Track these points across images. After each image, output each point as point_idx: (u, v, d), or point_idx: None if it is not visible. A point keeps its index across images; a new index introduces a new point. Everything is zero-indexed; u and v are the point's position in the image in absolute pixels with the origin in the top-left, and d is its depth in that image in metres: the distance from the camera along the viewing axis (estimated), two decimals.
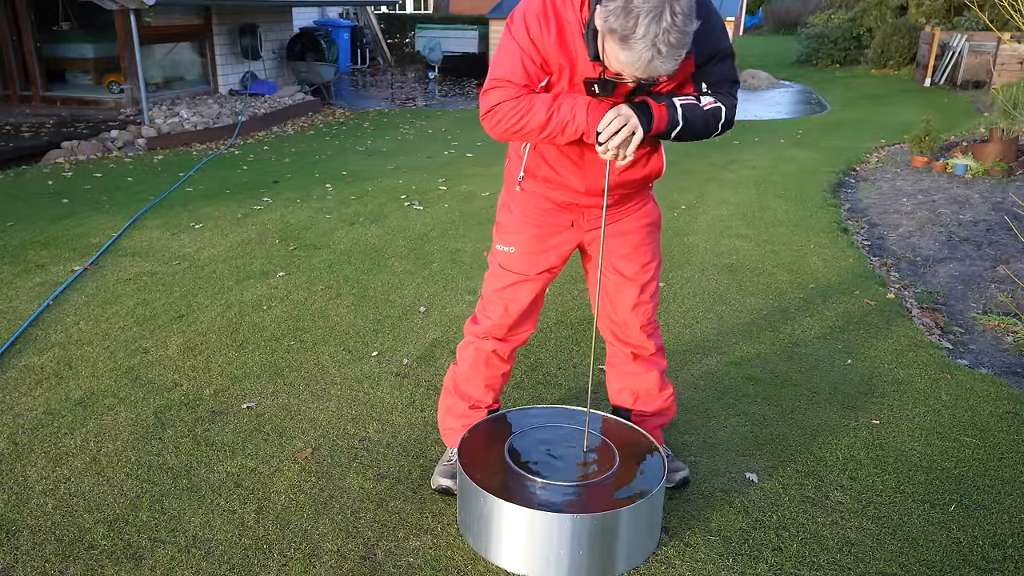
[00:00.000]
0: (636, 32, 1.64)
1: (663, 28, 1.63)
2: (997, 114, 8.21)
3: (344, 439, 2.75)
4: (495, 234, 2.32)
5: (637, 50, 1.66)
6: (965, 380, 3.25)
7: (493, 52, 17.16)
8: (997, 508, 2.42)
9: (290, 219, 5.52)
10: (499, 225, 2.30)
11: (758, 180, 6.96)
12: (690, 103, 1.94)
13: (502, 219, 2.29)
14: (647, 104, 1.88)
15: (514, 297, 2.28)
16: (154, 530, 2.26)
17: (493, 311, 2.31)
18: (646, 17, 1.62)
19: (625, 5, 1.64)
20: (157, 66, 10.17)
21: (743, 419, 2.92)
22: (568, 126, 1.89)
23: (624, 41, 1.66)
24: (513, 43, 1.90)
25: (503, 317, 2.30)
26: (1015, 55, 12.85)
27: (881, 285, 4.33)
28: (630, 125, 1.85)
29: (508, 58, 1.91)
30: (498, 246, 2.29)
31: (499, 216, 2.32)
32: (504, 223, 2.28)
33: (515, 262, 2.26)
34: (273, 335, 3.59)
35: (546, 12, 1.85)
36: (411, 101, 12.95)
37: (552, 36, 1.86)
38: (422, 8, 25.76)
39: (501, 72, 1.91)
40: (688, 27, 1.65)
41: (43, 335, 3.56)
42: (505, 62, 1.91)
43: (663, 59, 1.67)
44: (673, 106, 1.91)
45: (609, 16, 1.67)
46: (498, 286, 2.30)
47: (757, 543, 2.25)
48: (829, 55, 19.31)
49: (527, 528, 2.07)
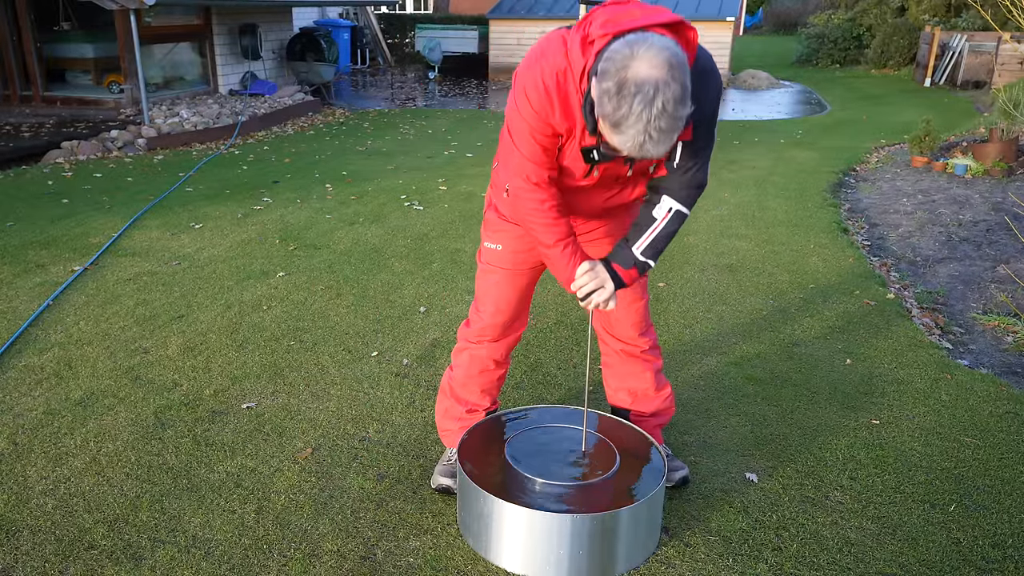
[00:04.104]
0: (628, 119, 1.63)
1: (654, 114, 1.61)
2: (997, 114, 8.21)
3: (344, 439, 2.75)
4: (483, 231, 2.33)
5: (629, 135, 1.65)
6: (965, 380, 3.25)
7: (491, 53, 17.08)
8: (997, 508, 2.42)
9: (290, 219, 5.52)
10: (487, 223, 2.32)
11: (758, 180, 6.97)
12: (653, 239, 2.04)
13: (490, 217, 2.30)
14: (616, 273, 2.08)
15: (504, 292, 2.30)
16: (154, 530, 2.26)
17: (485, 308, 2.33)
18: (639, 104, 1.61)
19: (618, 89, 1.62)
20: (157, 66, 10.17)
21: (743, 419, 2.92)
22: (555, 268, 2.11)
23: (616, 126, 1.66)
24: (520, 117, 1.91)
25: (495, 315, 2.31)
26: (1015, 55, 12.85)
27: (881, 285, 4.33)
28: (604, 288, 2.06)
29: (520, 133, 1.93)
30: (486, 243, 2.31)
31: (487, 214, 2.32)
32: (491, 220, 2.29)
33: (503, 259, 2.27)
34: (273, 335, 3.59)
35: (547, 83, 1.84)
36: (411, 101, 12.95)
37: (555, 105, 1.86)
38: (422, 8, 25.77)
39: (521, 146, 1.94)
40: (680, 112, 1.63)
41: (43, 335, 3.56)
42: (520, 136, 1.93)
43: (654, 144, 1.66)
44: (641, 262, 2.07)
45: (602, 98, 1.66)
46: (488, 282, 2.32)
47: (757, 543, 2.25)
48: (829, 55, 19.32)
49: (527, 528, 2.07)
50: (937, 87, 14.50)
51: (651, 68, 1.60)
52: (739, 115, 11.60)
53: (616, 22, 1.71)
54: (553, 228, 2.03)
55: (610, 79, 1.63)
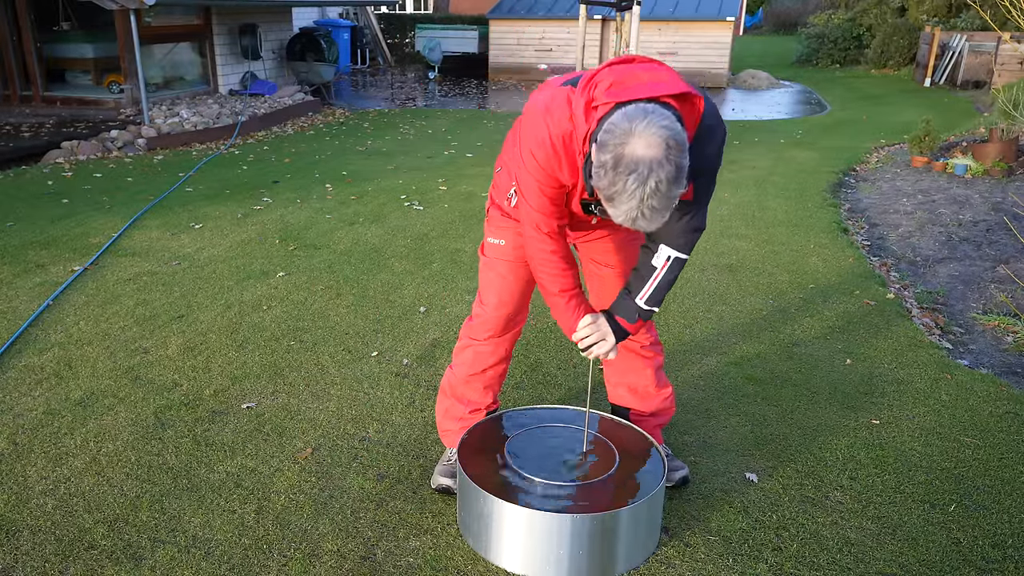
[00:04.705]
0: (622, 196, 1.66)
1: (647, 193, 1.64)
2: (997, 114, 8.21)
3: (344, 439, 2.75)
4: (487, 227, 2.35)
5: (622, 210, 1.69)
6: (965, 380, 3.25)
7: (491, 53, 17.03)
8: (997, 508, 2.42)
9: (290, 219, 5.52)
10: (490, 219, 2.34)
11: (758, 180, 6.97)
12: (655, 289, 2.07)
13: (493, 214, 2.33)
14: (620, 326, 2.11)
15: (507, 283, 2.31)
16: (154, 530, 2.26)
17: (488, 300, 2.34)
18: (632, 183, 1.63)
19: (614, 164, 1.65)
20: (157, 66, 10.17)
21: (743, 419, 2.92)
22: (558, 316, 2.15)
23: (610, 200, 1.70)
24: (527, 172, 1.96)
25: (499, 307, 2.32)
26: (1015, 55, 12.86)
27: (881, 285, 4.33)
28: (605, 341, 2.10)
29: (529, 187, 1.98)
30: (489, 239, 2.33)
31: (490, 211, 2.34)
32: (495, 217, 2.32)
33: (506, 252, 2.29)
34: (273, 335, 3.59)
35: (554, 144, 1.88)
36: (411, 101, 12.95)
37: (562, 163, 1.91)
38: (422, 8, 25.76)
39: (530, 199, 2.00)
40: (673, 192, 1.66)
41: (43, 335, 3.56)
42: (529, 190, 1.99)
43: (647, 220, 1.70)
44: (645, 311, 2.10)
45: (599, 170, 1.68)
46: (491, 275, 2.33)
47: (757, 543, 2.25)
48: (829, 55, 19.33)
49: (527, 528, 2.07)
50: (937, 87, 14.50)
51: (647, 148, 1.63)
52: (739, 115, 11.60)
53: (621, 87, 1.74)
54: (559, 279, 2.08)
55: (608, 152, 1.66)
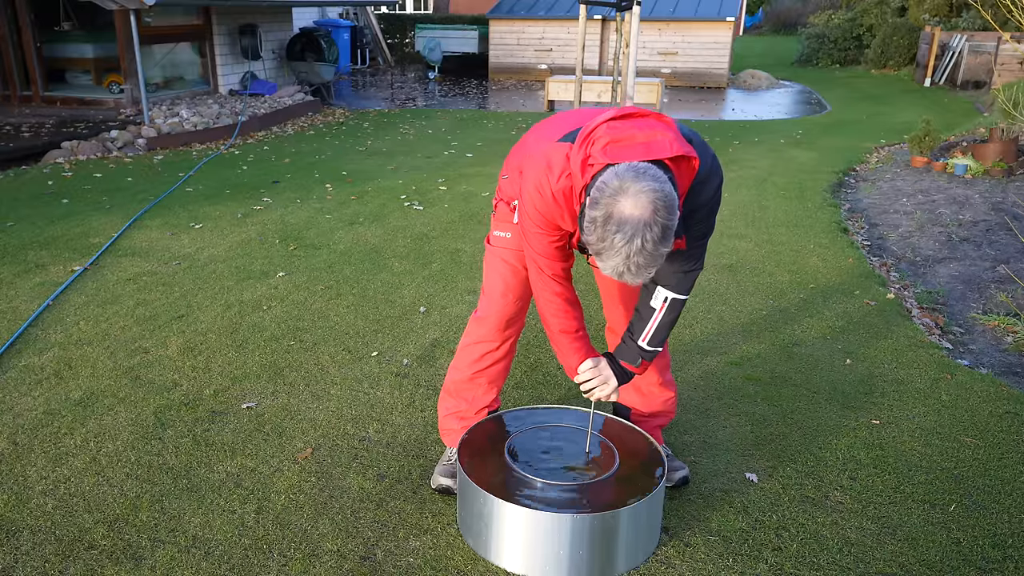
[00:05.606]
0: (609, 251, 1.70)
1: (633, 251, 1.67)
2: (997, 114, 8.22)
3: (344, 439, 2.75)
4: (494, 220, 2.35)
5: (609, 265, 1.73)
6: (965, 380, 3.25)
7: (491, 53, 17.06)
8: (997, 508, 2.42)
9: (290, 219, 5.52)
10: (497, 214, 2.34)
11: (758, 180, 6.97)
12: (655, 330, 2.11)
13: (501, 209, 2.33)
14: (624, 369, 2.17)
15: (512, 273, 2.31)
16: (154, 530, 2.26)
17: (494, 289, 2.34)
18: (619, 240, 1.67)
19: (603, 221, 1.69)
20: (157, 66, 10.17)
21: (743, 419, 2.92)
22: (560, 353, 2.19)
23: (598, 254, 1.75)
24: (531, 221, 2.02)
25: (504, 294, 2.32)
26: (1015, 55, 12.86)
27: (881, 285, 4.33)
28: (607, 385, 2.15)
29: (532, 235, 2.04)
30: (495, 232, 2.34)
31: (497, 207, 2.35)
32: (502, 212, 2.32)
33: (512, 242, 2.30)
34: (273, 335, 3.59)
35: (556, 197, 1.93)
36: (411, 101, 12.95)
37: (564, 214, 1.96)
38: (422, 8, 25.76)
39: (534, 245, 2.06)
40: (660, 250, 1.70)
41: (43, 335, 3.56)
42: (532, 238, 2.05)
43: (632, 276, 1.74)
44: (648, 352, 2.14)
45: (589, 225, 1.73)
46: (495, 261, 2.34)
47: (757, 543, 2.25)
48: (829, 55, 19.33)
49: (527, 528, 2.07)
50: (937, 87, 14.50)
51: (635, 208, 1.66)
52: (739, 115, 11.61)
53: (617, 147, 1.77)
54: (563, 319, 2.13)
55: (598, 209, 1.71)
